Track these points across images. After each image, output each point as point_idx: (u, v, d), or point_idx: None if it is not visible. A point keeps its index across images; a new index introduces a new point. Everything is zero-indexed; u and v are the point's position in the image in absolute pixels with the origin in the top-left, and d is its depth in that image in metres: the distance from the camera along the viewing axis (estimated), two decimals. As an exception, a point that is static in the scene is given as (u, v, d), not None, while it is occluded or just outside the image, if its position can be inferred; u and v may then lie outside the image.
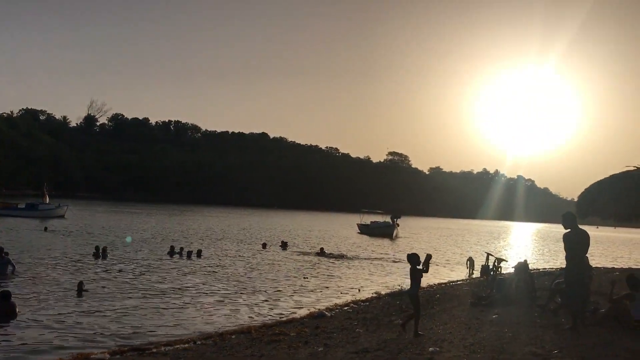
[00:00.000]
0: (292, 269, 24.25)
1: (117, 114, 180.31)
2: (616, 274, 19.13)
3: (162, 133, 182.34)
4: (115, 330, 11.93)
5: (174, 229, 45.47)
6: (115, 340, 11.14)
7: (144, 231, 40.87)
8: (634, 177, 13.66)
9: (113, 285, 17.34)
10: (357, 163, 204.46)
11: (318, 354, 9.35)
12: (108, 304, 14.60)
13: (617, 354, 7.02)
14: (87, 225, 42.92)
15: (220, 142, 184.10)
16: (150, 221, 55.21)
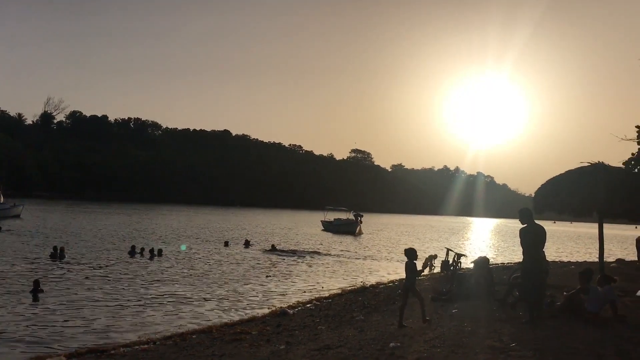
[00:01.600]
0: (254, 267, 24.12)
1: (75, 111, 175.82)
2: (572, 268, 19.67)
3: (121, 130, 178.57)
4: (73, 332, 11.65)
5: (134, 228, 44.66)
6: (72, 343, 10.88)
7: (104, 231, 40.00)
8: (588, 173, 13.98)
9: (71, 286, 16.94)
10: (320, 160, 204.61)
11: (280, 352, 9.32)
12: (65, 305, 14.27)
13: (572, 346, 7.18)
14: (44, 225, 41.76)
15: (181, 139, 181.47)
16: (110, 220, 54.10)
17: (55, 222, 45.89)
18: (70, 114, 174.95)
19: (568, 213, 14.73)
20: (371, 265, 27.82)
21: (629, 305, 10.43)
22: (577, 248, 51.13)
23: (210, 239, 38.63)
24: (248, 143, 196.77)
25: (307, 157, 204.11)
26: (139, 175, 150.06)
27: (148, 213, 76.44)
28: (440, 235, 62.69)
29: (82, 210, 72.34)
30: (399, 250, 37.64)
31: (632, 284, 13.60)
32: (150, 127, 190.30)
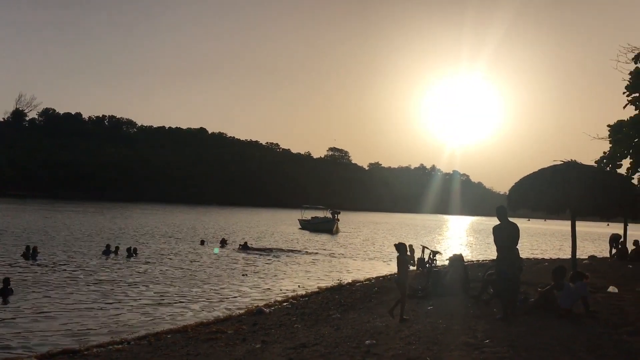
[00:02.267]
0: (230, 266, 23.98)
1: (48, 109, 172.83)
2: (545, 265, 19.93)
3: (96, 128, 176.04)
4: (44, 333, 11.43)
5: (109, 227, 44.07)
6: (44, 344, 10.68)
7: (77, 230, 39.38)
8: (561, 171, 14.17)
9: (43, 286, 16.64)
10: (297, 158, 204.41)
11: (255, 350, 9.27)
12: (37, 305, 14.01)
13: (545, 342, 7.26)
14: (16, 224, 40.95)
15: (157, 137, 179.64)
16: (85, 219, 53.31)
17: (27, 222, 45.05)
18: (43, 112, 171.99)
19: (542, 210, 14.92)
20: (348, 263, 27.87)
21: (600, 301, 10.59)
22: (551, 245, 51.89)
23: (187, 238, 38.30)
24: (224, 141, 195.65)
25: (284, 156, 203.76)
26: (113, 173, 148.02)
27: (123, 212, 75.55)
28: (416, 233, 63.09)
29: (56, 209, 71.19)
30: (376, 248, 37.84)
31: (604, 281, 13.83)
32: (125, 124, 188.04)
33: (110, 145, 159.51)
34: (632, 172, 20.31)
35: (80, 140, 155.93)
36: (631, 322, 8.57)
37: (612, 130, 21.55)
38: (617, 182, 14.63)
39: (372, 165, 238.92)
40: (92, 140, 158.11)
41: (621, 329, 8.10)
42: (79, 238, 32.96)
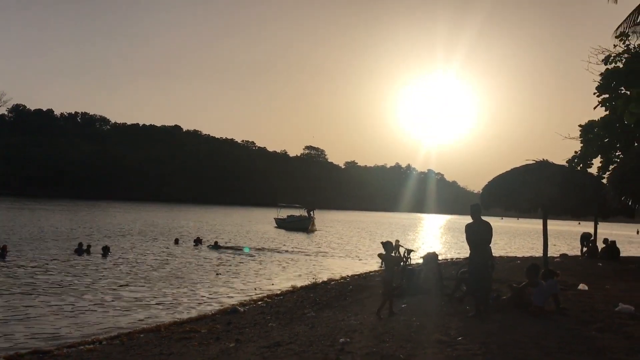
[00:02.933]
0: (204, 265, 23.79)
1: (18, 105, 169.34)
2: (518, 263, 20.21)
3: (68, 125, 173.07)
4: (14, 333, 11.19)
5: (81, 226, 43.38)
6: (13, 344, 10.46)
7: (49, 228, 38.67)
8: (533, 170, 14.38)
9: (11, 285, 16.30)
10: (273, 157, 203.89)
11: (229, 350, 9.20)
12: (6, 305, 13.71)
13: (517, 338, 7.34)
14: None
15: (130, 134, 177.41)
16: (56, 218, 52.42)
17: (-4, 220, 44.13)
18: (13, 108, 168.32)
19: (514, 209, 15.14)
20: (323, 261, 27.88)
21: (571, 298, 10.76)
22: (523, 243, 52.63)
23: (160, 236, 37.91)
24: (199, 139, 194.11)
25: (260, 154, 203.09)
26: (86, 171, 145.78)
27: (95, 210, 74.50)
28: (391, 232, 63.43)
29: (26, 207, 69.87)
30: (351, 247, 37.93)
31: (575, 278, 14.06)
32: (98, 121, 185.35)
33: (83, 142, 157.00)
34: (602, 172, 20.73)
35: (52, 137, 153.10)
36: (600, 319, 8.72)
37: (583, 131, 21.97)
38: (587, 181, 14.91)
39: (348, 163, 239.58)
40: (64, 137, 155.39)
41: (591, 325, 8.23)
42: (50, 236, 32.37)
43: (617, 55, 20.65)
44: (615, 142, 20.83)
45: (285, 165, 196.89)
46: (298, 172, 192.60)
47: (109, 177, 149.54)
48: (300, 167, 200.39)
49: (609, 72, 20.63)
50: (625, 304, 9.66)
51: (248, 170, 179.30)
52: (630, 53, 20.17)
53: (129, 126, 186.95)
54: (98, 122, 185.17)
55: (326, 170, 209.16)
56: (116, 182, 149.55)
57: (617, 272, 16.87)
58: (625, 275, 16.11)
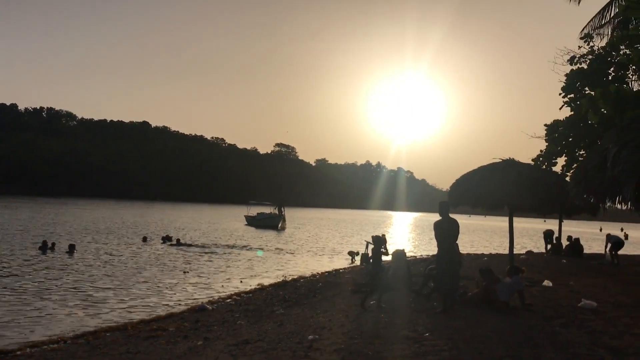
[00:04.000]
0: (172, 263, 23.53)
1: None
2: (485, 260, 20.51)
3: (33, 120, 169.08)
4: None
5: (45, 223, 42.47)
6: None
7: (11, 226, 37.75)
8: (500, 169, 14.62)
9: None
10: (243, 154, 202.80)
11: (197, 348, 9.13)
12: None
13: (483, 334, 7.46)
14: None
15: (98, 130, 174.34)
16: (19, 215, 51.22)
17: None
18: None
19: (481, 207, 15.36)
20: (293, 259, 27.85)
21: (535, 294, 10.98)
22: (491, 241, 53.41)
23: (128, 234, 37.36)
24: (168, 135, 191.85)
25: (231, 151, 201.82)
26: (51, 167, 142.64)
27: (60, 207, 73.04)
28: (361, 229, 63.72)
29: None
30: (321, 244, 37.97)
31: (539, 275, 14.35)
32: (65, 117, 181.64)
33: (48, 138, 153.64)
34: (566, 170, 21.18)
35: (16, 132, 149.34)
36: (564, 314, 8.92)
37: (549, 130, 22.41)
38: (552, 180, 15.21)
39: (319, 161, 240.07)
40: (29, 133, 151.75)
41: (554, 320, 8.42)
42: (12, 234, 31.63)
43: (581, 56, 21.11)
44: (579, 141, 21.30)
45: (255, 162, 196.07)
46: (268, 169, 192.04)
47: (75, 173, 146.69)
48: (271, 164, 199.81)
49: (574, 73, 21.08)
50: (588, 299, 9.90)
51: (218, 167, 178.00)
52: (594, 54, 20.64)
53: (96, 122, 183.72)
54: (64, 117, 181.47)
55: (297, 168, 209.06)
56: (83, 179, 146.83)
57: (580, 269, 17.27)
58: (588, 271, 16.50)
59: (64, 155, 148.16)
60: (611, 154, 8.83)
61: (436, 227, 9.33)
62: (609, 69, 20.28)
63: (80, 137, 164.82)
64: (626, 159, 8.44)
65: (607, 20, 20.72)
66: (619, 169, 8.49)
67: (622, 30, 19.74)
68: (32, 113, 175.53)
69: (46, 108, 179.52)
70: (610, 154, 8.84)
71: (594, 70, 20.30)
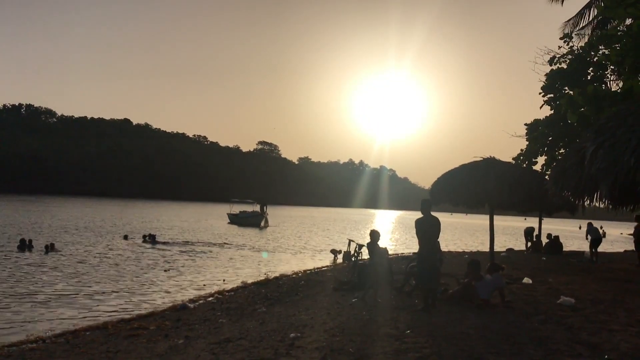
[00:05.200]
0: (154, 261, 23.37)
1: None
2: (465, 257, 20.67)
3: (11, 117, 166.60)
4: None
5: (23, 221, 41.90)
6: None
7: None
8: (481, 167, 14.74)
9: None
10: (226, 152, 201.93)
11: (178, 346, 9.09)
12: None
13: (463, 331, 7.52)
14: None
15: (77, 128, 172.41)
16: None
17: None
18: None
19: (462, 205, 15.47)
20: (275, 257, 27.81)
21: (515, 291, 11.09)
22: (472, 239, 53.86)
23: (108, 232, 37.01)
24: (149, 133, 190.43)
25: (213, 148, 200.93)
26: (29, 165, 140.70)
27: (39, 205, 72.13)
28: (344, 227, 63.84)
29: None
30: (303, 242, 37.97)
31: (519, 272, 14.51)
32: (44, 114, 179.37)
33: (27, 135, 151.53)
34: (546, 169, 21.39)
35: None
36: (543, 311, 9.02)
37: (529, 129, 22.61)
38: (532, 178, 15.36)
39: (302, 159, 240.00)
40: (7, 130, 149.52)
41: (533, 317, 8.51)
42: (-10, 233, 31.20)
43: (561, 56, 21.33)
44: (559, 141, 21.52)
45: (238, 160, 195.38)
46: (251, 167, 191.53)
47: (55, 171, 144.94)
48: (253, 162, 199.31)
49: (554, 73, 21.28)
50: (567, 296, 10.03)
51: (200, 165, 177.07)
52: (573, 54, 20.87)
53: (76, 119, 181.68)
54: (44, 114, 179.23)
55: (279, 166, 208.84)
56: (62, 177, 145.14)
57: (559, 266, 17.50)
58: (567, 269, 16.72)
59: (42, 152, 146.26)
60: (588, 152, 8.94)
61: (418, 225, 9.37)
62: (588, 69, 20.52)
63: (60, 134, 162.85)
64: (603, 158, 8.56)
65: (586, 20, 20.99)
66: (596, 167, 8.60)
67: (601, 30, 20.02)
68: (10, 110, 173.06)
69: (25, 105, 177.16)
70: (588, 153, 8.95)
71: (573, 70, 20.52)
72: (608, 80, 19.97)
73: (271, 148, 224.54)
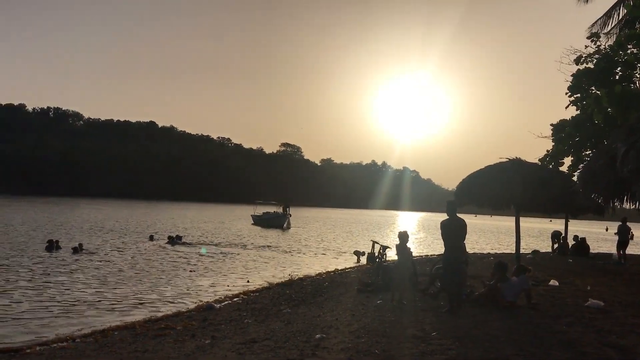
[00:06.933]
0: (179, 261, 23.62)
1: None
2: (491, 259, 20.50)
3: (39, 120, 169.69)
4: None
5: (52, 222, 42.68)
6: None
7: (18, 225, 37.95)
8: (506, 168, 14.64)
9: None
10: (249, 154, 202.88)
11: (205, 346, 9.17)
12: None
13: (490, 333, 7.49)
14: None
15: (104, 130, 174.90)
16: (25, 214, 51.46)
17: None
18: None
19: (487, 206, 15.37)
20: (299, 258, 27.90)
21: (542, 293, 10.99)
22: (497, 240, 53.30)
23: (134, 233, 37.50)
24: (175, 135, 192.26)
25: (236, 150, 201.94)
26: (56, 167, 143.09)
27: (66, 207, 73.35)
28: (367, 229, 63.69)
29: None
30: (326, 244, 37.99)
31: (546, 274, 14.35)
32: (72, 117, 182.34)
33: (55, 138, 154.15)
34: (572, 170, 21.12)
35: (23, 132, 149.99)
36: (569, 313, 8.93)
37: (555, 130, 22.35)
38: (559, 180, 15.21)
39: (324, 161, 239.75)
40: (36, 133, 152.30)
41: (560, 320, 8.43)
42: (19, 233, 31.82)
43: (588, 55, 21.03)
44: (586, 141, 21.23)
45: (261, 162, 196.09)
46: (274, 169, 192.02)
47: (82, 173, 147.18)
48: (276, 164, 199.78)
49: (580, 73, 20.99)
50: (595, 299, 9.91)
51: (224, 167, 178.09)
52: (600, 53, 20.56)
53: (103, 122, 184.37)
54: (71, 117, 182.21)
55: (302, 168, 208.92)
56: (89, 179, 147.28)
57: (586, 268, 17.26)
58: (594, 271, 16.49)
59: (70, 155, 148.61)
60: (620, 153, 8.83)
61: (443, 227, 9.34)
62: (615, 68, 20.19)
63: (86, 136, 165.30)
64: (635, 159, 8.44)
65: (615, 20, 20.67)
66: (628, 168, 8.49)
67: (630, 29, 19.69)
68: (39, 113, 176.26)
69: (53, 108, 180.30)
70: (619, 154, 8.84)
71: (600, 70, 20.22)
72: (637, 80, 19.63)
73: (294, 150, 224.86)
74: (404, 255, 10.95)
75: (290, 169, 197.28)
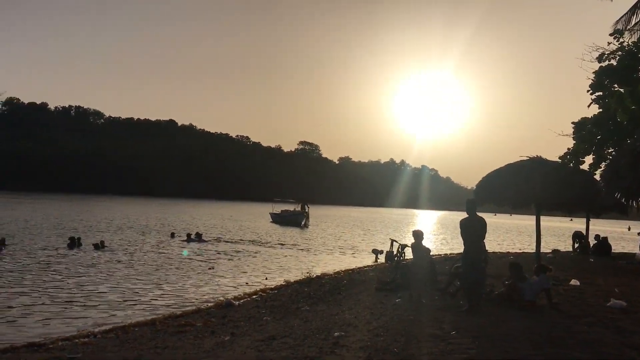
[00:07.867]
0: (198, 259, 23.81)
1: (12, 98, 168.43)
2: (510, 258, 20.33)
3: (61, 119, 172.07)
4: (6, 327, 11.18)
5: (74, 220, 43.27)
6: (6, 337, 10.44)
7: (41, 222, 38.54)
8: (527, 167, 14.48)
9: (6, 279, 16.27)
10: (268, 152, 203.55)
11: (224, 343, 9.25)
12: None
13: (509, 333, 7.44)
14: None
15: (124, 128, 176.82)
16: (47, 212, 52.22)
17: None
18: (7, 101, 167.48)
19: (507, 205, 15.22)
20: (317, 256, 27.95)
21: (562, 293, 10.88)
22: (517, 239, 52.82)
23: (155, 230, 37.87)
24: (194, 133, 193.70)
25: (255, 149, 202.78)
26: (78, 165, 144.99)
27: (87, 204, 74.27)
28: (385, 227, 63.54)
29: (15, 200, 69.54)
30: (344, 242, 37.99)
31: (566, 274, 14.19)
32: (92, 115, 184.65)
33: (76, 136, 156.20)
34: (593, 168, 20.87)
35: (45, 130, 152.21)
36: (591, 313, 8.83)
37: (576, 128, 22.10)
38: (579, 178, 15.01)
39: (342, 159, 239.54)
40: (58, 131, 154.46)
41: (581, 320, 8.35)
42: (40, 231, 32.35)
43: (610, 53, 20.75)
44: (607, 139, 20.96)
45: (279, 160, 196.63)
46: (292, 167, 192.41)
47: (103, 171, 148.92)
48: (295, 162, 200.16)
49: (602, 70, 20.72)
50: (617, 299, 9.78)
51: (243, 165, 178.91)
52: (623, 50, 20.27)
53: (123, 120, 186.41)
54: (92, 115, 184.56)
55: (320, 166, 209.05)
56: (109, 176, 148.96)
57: (608, 268, 17.03)
58: (616, 271, 16.27)
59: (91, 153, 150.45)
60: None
61: (463, 225, 9.30)
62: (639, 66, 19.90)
63: (107, 134, 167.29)
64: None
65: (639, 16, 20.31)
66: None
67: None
68: (61, 112, 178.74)
69: (74, 107, 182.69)
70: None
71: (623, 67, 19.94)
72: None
73: (312, 148, 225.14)
74: (420, 253, 10.90)
75: (308, 168, 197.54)
